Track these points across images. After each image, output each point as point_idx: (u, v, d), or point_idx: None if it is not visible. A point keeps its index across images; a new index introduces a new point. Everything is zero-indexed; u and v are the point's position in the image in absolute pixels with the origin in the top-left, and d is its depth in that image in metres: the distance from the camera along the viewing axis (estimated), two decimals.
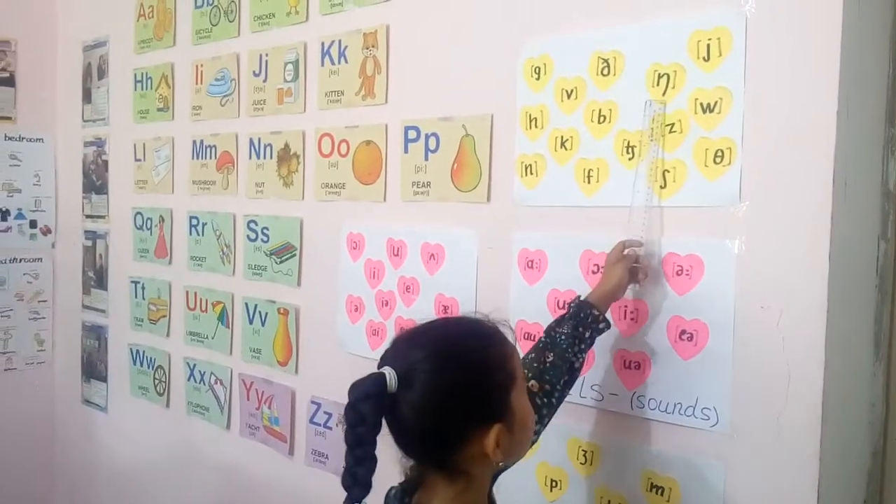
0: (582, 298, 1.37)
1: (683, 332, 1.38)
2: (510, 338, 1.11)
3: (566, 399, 1.35)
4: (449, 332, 1.12)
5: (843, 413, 1.30)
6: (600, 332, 1.37)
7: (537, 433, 1.27)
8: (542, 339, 1.36)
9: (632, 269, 1.40)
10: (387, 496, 1.11)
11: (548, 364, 1.31)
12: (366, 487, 1.01)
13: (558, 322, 1.36)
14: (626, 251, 1.41)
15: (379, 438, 1.02)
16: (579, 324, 1.34)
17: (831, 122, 1.22)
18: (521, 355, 1.31)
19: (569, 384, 1.34)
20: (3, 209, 3.04)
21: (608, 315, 1.38)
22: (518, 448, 1.11)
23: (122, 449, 2.84)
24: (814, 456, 1.24)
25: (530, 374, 1.29)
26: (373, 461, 1.01)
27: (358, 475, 1.00)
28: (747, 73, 1.30)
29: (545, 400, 1.29)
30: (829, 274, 1.22)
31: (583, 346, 1.34)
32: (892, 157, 1.39)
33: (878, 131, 1.36)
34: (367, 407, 1.00)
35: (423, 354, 1.04)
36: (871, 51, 1.32)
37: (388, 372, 1.02)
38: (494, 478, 1.16)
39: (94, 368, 2.97)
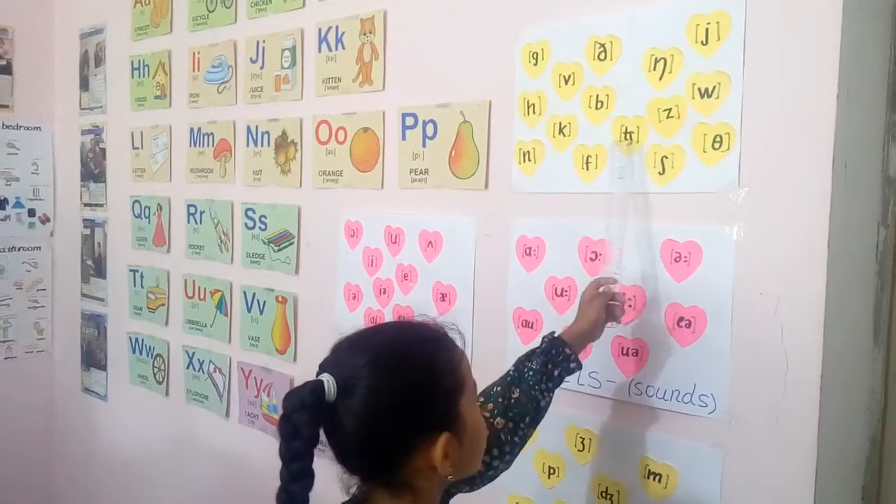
0: (556, 335, 1.32)
1: (681, 318, 1.38)
2: (459, 342, 1.05)
3: (564, 385, 1.34)
4: (393, 336, 1.05)
5: (841, 400, 1.30)
6: (570, 371, 1.31)
7: (497, 469, 1.22)
8: (510, 372, 1.30)
9: (608, 306, 1.37)
10: None
11: (513, 400, 1.25)
12: None
13: (528, 356, 1.31)
14: (601, 289, 1.38)
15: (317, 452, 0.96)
16: (549, 360, 1.28)
17: (831, 107, 1.21)
18: (489, 383, 1.28)
19: (533, 423, 1.27)
20: (2, 198, 3.03)
21: (580, 357, 1.33)
22: (469, 461, 1.04)
23: (122, 437, 2.85)
24: (812, 443, 1.24)
25: (496, 411, 1.23)
26: (310, 477, 0.94)
27: (294, 493, 0.93)
28: (746, 58, 1.29)
29: (509, 437, 1.23)
30: (829, 260, 1.22)
31: (550, 385, 1.29)
32: (893, 143, 1.38)
33: (878, 117, 1.35)
34: (303, 418, 0.93)
35: (365, 360, 0.97)
36: (871, 35, 1.31)
37: (327, 379, 0.95)
38: (447, 496, 1.11)
39: (93, 357, 2.97)
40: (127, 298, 2.75)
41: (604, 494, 1.50)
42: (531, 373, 1.28)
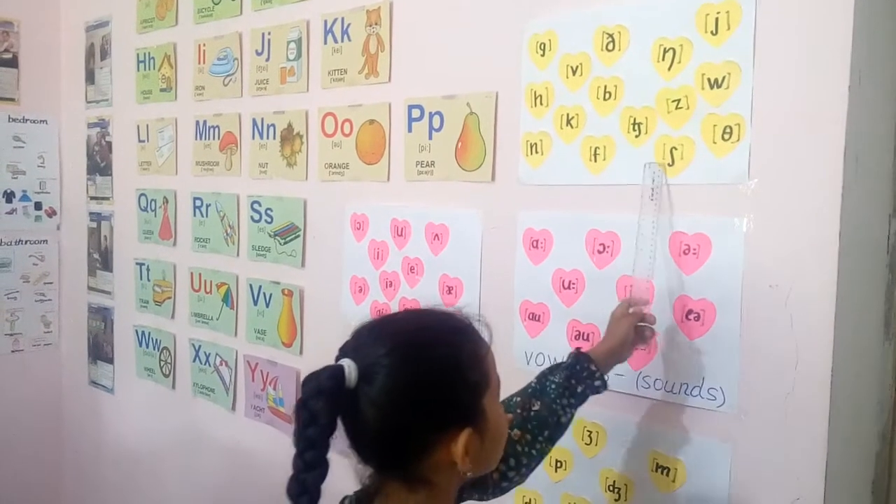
0: (582, 351, 1.28)
1: (690, 311, 1.37)
2: (485, 335, 1.02)
3: None
4: (418, 324, 1.02)
5: (851, 393, 1.28)
6: (595, 390, 1.26)
7: (511, 480, 1.17)
8: (532, 384, 1.26)
9: (638, 327, 1.32)
10: None
11: (532, 413, 1.20)
12: (315, 496, 0.90)
13: (552, 370, 1.27)
14: (631, 309, 1.34)
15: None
16: (573, 375, 1.24)
17: (843, 96, 1.19)
18: (509, 395, 1.24)
19: (552, 439, 1.22)
20: (8, 191, 3.03)
21: (607, 376, 1.28)
22: (488, 458, 1.01)
23: (129, 430, 2.86)
24: (822, 436, 1.22)
25: (513, 422, 1.18)
26: (324, 466, 0.91)
27: (307, 482, 0.90)
28: (756, 48, 1.27)
29: (526, 449, 1.18)
30: (839, 252, 1.20)
31: (573, 401, 1.24)
32: None
33: (890, 107, 1.33)
34: (321, 404, 0.90)
35: (388, 347, 0.93)
36: (883, 24, 1.29)
37: (347, 364, 0.92)
38: (462, 491, 1.07)
39: (100, 350, 2.98)
40: (133, 292, 2.75)
41: (611, 488, 1.49)
42: (553, 386, 1.23)
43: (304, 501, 0.90)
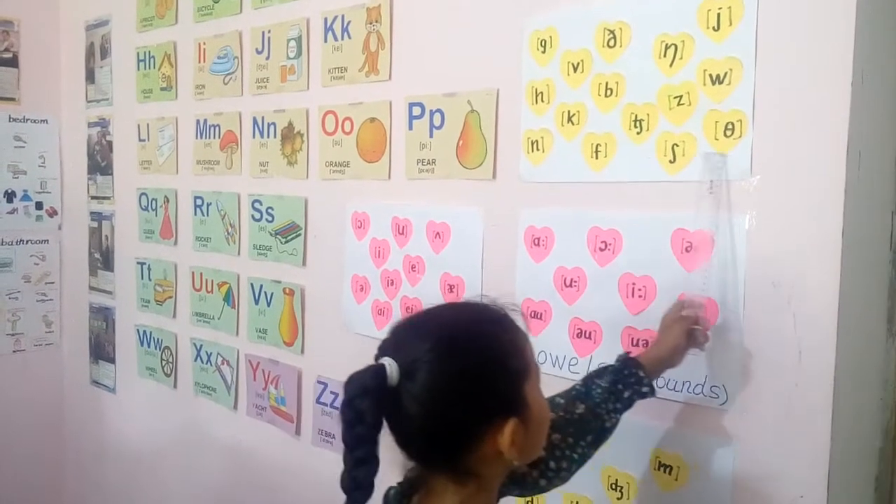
0: (631, 356, 1.27)
1: None
2: (520, 323, 1.02)
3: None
4: (455, 318, 1.02)
5: (854, 391, 1.28)
6: (643, 395, 1.24)
7: (551, 481, 1.16)
8: (577, 387, 1.24)
9: (690, 331, 1.29)
10: (385, 496, 1.02)
11: (576, 416, 1.19)
12: (367, 490, 0.92)
13: (599, 373, 1.25)
14: (684, 312, 1.30)
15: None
16: (619, 380, 1.22)
17: (846, 93, 1.18)
18: (552, 395, 1.22)
19: (596, 443, 1.21)
20: (9, 191, 3.03)
21: (655, 382, 1.27)
22: (533, 446, 1.02)
23: (131, 429, 2.85)
24: (825, 434, 1.22)
25: (555, 424, 1.15)
26: (375, 462, 0.92)
27: (358, 478, 0.91)
28: (759, 43, 1.26)
29: (567, 453, 1.16)
30: (842, 249, 1.20)
31: (618, 406, 1.22)
32: None
33: (893, 101, 1.32)
34: (366, 403, 0.91)
35: (429, 343, 0.94)
36: (886, 18, 1.28)
37: (389, 363, 0.93)
38: (498, 494, 1.06)
39: (101, 349, 2.98)
40: (134, 291, 2.75)
41: (613, 487, 1.48)
42: (599, 390, 1.22)
43: (357, 496, 0.92)
